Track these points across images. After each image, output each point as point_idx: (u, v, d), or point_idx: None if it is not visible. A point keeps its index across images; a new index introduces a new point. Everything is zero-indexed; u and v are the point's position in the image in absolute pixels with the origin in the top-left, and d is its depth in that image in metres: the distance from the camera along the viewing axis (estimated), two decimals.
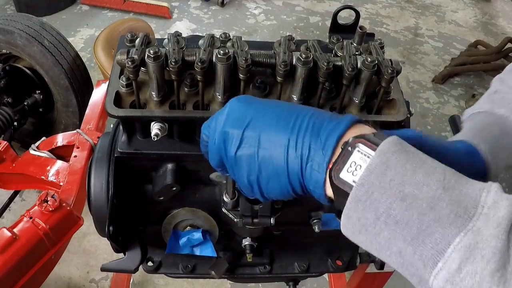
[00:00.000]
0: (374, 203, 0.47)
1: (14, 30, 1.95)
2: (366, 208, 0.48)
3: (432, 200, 0.46)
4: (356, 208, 0.49)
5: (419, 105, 3.23)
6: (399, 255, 0.47)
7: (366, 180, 0.48)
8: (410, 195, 0.46)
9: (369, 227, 0.48)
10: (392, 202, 0.47)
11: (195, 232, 0.98)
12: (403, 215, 0.46)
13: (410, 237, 0.46)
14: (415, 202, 0.46)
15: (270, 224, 0.83)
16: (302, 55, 0.76)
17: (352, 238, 0.53)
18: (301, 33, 3.83)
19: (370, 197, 0.48)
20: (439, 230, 0.44)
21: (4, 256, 1.12)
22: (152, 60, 0.74)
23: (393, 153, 0.49)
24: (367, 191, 0.48)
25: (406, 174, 0.47)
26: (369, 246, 0.51)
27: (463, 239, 0.43)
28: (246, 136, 0.58)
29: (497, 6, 4.55)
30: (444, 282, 0.44)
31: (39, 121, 2.29)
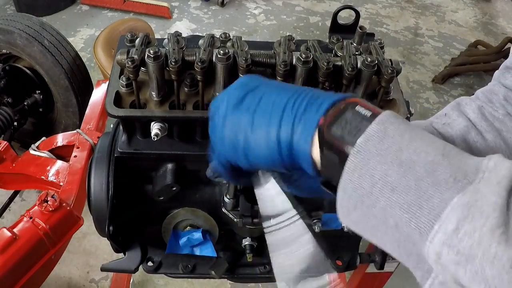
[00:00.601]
0: (370, 170, 0.45)
1: (14, 30, 1.95)
2: (362, 176, 0.46)
3: (430, 165, 0.43)
4: (352, 177, 0.46)
5: (419, 105, 3.23)
6: (395, 229, 0.44)
7: (362, 148, 0.46)
8: (408, 161, 0.44)
9: (365, 197, 0.46)
10: (389, 168, 0.44)
11: (195, 232, 0.98)
12: (400, 181, 0.44)
13: (406, 204, 0.43)
14: (412, 167, 0.44)
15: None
16: (302, 55, 0.76)
17: (348, 219, 0.50)
18: (301, 33, 3.83)
19: (366, 165, 0.45)
20: (437, 194, 0.42)
21: (4, 256, 1.12)
22: (152, 60, 0.74)
23: (391, 123, 0.47)
24: (363, 158, 0.46)
25: (403, 142, 0.46)
26: (365, 225, 0.48)
27: (461, 198, 0.40)
28: (248, 96, 0.58)
29: (497, 6, 4.55)
30: (441, 246, 0.41)
31: (39, 121, 2.29)
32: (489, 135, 0.70)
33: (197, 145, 0.86)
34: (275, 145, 0.54)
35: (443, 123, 0.72)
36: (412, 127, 0.48)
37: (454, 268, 0.40)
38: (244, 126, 0.57)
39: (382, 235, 0.47)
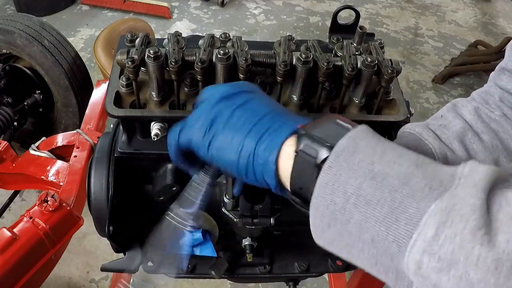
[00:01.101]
0: (342, 185, 0.44)
1: (14, 30, 1.95)
2: (334, 191, 0.45)
3: (404, 176, 0.42)
4: (323, 194, 0.45)
5: (419, 105, 3.23)
6: (371, 244, 0.43)
7: (333, 163, 0.45)
8: (381, 173, 0.43)
9: (338, 213, 0.45)
10: (362, 182, 0.43)
11: (195, 232, 0.98)
12: (374, 194, 0.42)
13: (382, 216, 0.42)
14: (386, 179, 0.43)
15: (270, 224, 0.83)
16: (302, 55, 0.76)
17: (323, 239, 0.49)
18: (301, 33, 3.83)
19: (338, 180, 0.45)
20: (413, 204, 0.40)
21: (4, 256, 1.12)
22: (152, 60, 0.74)
23: (362, 138, 0.47)
24: (335, 174, 0.45)
25: (375, 155, 0.45)
26: (340, 243, 0.47)
27: (439, 204, 0.39)
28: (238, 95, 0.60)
29: (497, 6, 4.55)
30: (421, 254, 0.39)
31: (39, 121, 2.29)
32: (485, 136, 0.69)
33: None
34: (240, 149, 0.55)
35: (440, 125, 0.72)
36: (384, 140, 0.48)
37: (436, 277, 0.39)
38: (221, 118, 0.57)
39: (358, 253, 0.46)
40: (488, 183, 0.40)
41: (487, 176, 0.41)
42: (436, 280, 0.39)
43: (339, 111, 0.84)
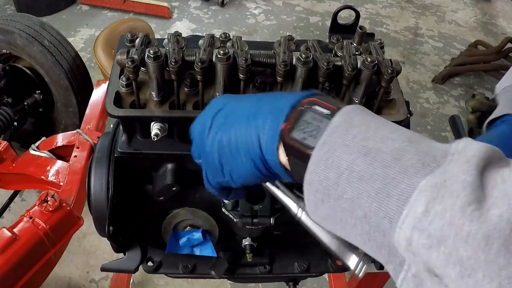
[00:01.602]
0: (336, 161, 0.44)
1: (14, 30, 1.95)
2: (328, 167, 0.44)
3: (397, 152, 0.42)
4: (317, 170, 0.45)
5: (419, 105, 3.23)
6: (364, 220, 0.43)
7: (328, 139, 0.45)
8: (374, 149, 0.43)
9: (331, 189, 0.44)
10: (355, 158, 0.43)
11: (195, 232, 0.98)
12: (367, 169, 0.42)
13: (374, 192, 0.41)
14: (378, 155, 0.42)
15: (269, 224, 0.83)
16: (302, 55, 0.76)
17: (316, 214, 0.49)
18: (301, 33, 3.83)
19: (332, 155, 0.44)
20: (405, 180, 0.40)
21: (4, 256, 1.12)
22: (152, 60, 0.74)
23: (357, 114, 0.47)
24: (329, 149, 0.45)
25: (369, 131, 0.45)
26: (333, 219, 0.47)
27: (430, 180, 0.39)
28: (217, 116, 0.58)
29: (497, 6, 4.55)
30: (411, 230, 0.39)
31: (39, 121, 2.29)
32: None
33: None
34: (249, 163, 0.54)
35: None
36: (379, 117, 0.48)
37: (426, 254, 0.38)
38: (219, 147, 0.57)
39: (351, 228, 0.45)
40: (482, 160, 0.39)
41: (480, 153, 0.40)
42: (427, 257, 0.38)
43: None
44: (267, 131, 0.52)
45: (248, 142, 0.53)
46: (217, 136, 0.57)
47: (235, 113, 0.57)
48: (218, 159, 0.58)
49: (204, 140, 0.59)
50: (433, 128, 3.08)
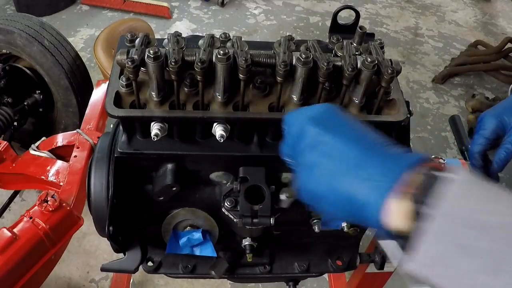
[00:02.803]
0: (449, 234, 0.44)
1: (14, 30, 1.95)
2: (439, 239, 0.45)
3: (509, 225, 0.43)
4: (428, 241, 0.45)
5: (419, 105, 3.23)
6: None
7: (447, 211, 0.45)
8: (488, 223, 0.43)
9: (445, 259, 0.44)
10: (468, 232, 0.44)
11: (195, 232, 0.98)
12: (481, 245, 0.43)
13: (491, 267, 0.42)
14: (493, 229, 0.43)
15: (269, 224, 0.83)
16: (302, 55, 0.76)
17: (422, 272, 0.47)
18: (301, 33, 3.83)
19: (445, 228, 0.45)
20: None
21: (4, 256, 1.12)
22: (152, 60, 0.74)
23: (472, 184, 0.47)
24: (442, 222, 0.45)
25: (486, 204, 0.45)
26: (445, 279, 0.46)
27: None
28: (322, 141, 0.58)
29: (497, 6, 4.55)
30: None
31: (39, 121, 2.29)
32: None
33: (197, 145, 0.86)
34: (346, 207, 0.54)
35: None
36: (491, 186, 0.47)
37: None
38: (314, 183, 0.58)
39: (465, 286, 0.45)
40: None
41: None
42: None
43: None
44: (378, 192, 0.51)
45: (352, 190, 0.53)
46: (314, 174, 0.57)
47: (336, 157, 0.56)
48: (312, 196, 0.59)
49: (298, 156, 0.60)
50: (433, 128, 3.08)
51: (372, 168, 0.53)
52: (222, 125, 0.81)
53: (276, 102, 0.82)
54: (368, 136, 0.58)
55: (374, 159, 0.54)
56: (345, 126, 0.59)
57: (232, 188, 0.87)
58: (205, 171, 0.90)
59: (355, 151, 0.55)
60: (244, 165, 0.86)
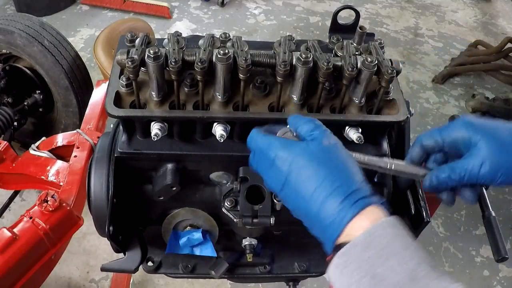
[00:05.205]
0: (349, 274, 0.55)
1: (14, 30, 1.94)
2: (343, 274, 0.56)
3: (396, 285, 0.51)
4: (335, 271, 0.57)
5: (419, 105, 3.23)
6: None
7: (347, 252, 0.56)
8: (380, 275, 0.53)
9: (344, 283, 0.55)
10: (363, 277, 0.53)
11: (195, 232, 0.98)
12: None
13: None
14: (382, 282, 0.52)
15: (269, 224, 0.83)
16: (302, 55, 0.76)
17: (332, 278, 0.59)
18: (301, 33, 3.83)
19: (347, 267, 0.55)
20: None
21: (4, 256, 1.12)
22: (152, 60, 0.74)
23: (378, 235, 0.55)
24: (346, 260, 0.55)
25: (382, 256, 0.54)
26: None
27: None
28: (287, 182, 0.63)
29: (497, 6, 4.55)
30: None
31: (39, 121, 2.29)
32: None
33: (197, 145, 0.86)
34: None
35: None
36: (399, 239, 0.56)
37: None
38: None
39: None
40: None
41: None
42: None
43: (339, 111, 0.84)
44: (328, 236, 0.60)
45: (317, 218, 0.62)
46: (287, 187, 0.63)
47: (302, 189, 0.62)
48: None
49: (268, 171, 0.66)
50: (433, 128, 3.08)
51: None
52: (222, 125, 0.81)
53: (276, 102, 0.82)
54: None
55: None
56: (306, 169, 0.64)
57: (232, 188, 0.87)
58: (205, 171, 0.90)
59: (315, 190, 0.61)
60: (244, 165, 0.86)
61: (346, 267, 0.55)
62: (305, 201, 0.61)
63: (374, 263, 0.54)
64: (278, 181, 0.64)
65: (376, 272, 0.53)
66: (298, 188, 0.62)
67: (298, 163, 0.62)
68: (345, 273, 0.55)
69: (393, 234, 0.57)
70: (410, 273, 0.52)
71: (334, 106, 0.84)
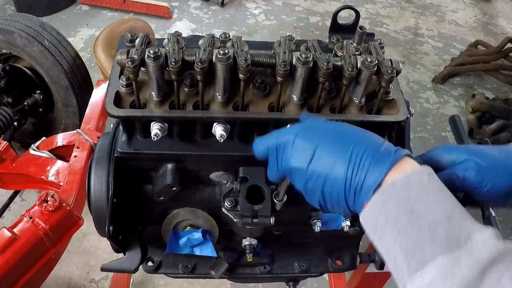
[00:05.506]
0: (387, 210, 0.56)
1: (14, 30, 1.95)
2: (380, 213, 0.56)
3: (433, 222, 0.53)
4: (372, 210, 0.57)
5: (419, 105, 3.23)
6: (394, 261, 0.55)
7: (386, 190, 0.57)
8: (417, 212, 0.54)
9: (379, 229, 0.57)
10: (401, 213, 0.54)
11: (195, 232, 0.98)
12: (406, 227, 0.54)
13: (405, 246, 0.53)
14: (419, 219, 0.53)
15: (269, 224, 0.83)
16: (302, 55, 0.76)
17: (368, 235, 0.60)
18: (301, 33, 3.83)
19: (386, 205, 0.56)
20: (429, 248, 0.51)
21: (4, 256, 1.12)
22: (152, 60, 0.74)
23: (417, 177, 0.57)
24: (384, 198, 0.56)
25: (421, 195, 0.55)
26: (377, 245, 0.59)
27: (444, 259, 0.50)
28: (317, 155, 0.63)
29: (497, 6, 4.55)
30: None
31: (39, 121, 2.29)
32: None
33: (197, 145, 0.86)
34: (343, 202, 0.63)
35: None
36: (435, 183, 0.57)
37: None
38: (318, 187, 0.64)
39: (387, 260, 0.58)
40: (490, 260, 0.49)
41: (490, 254, 0.49)
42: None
43: (339, 111, 0.84)
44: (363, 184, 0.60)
45: (347, 185, 0.61)
46: (319, 174, 0.62)
47: (332, 156, 0.62)
48: (316, 193, 0.65)
49: (305, 168, 0.64)
50: (433, 128, 3.08)
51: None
52: (222, 125, 0.81)
53: (276, 102, 0.82)
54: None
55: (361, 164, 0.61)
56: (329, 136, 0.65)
57: (232, 188, 0.87)
58: (205, 171, 0.90)
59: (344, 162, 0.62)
60: (244, 165, 0.86)
61: (385, 205, 0.56)
62: (336, 167, 0.61)
63: (413, 201, 0.54)
64: (304, 156, 0.63)
65: (413, 208, 0.54)
66: (328, 155, 0.62)
67: (326, 132, 0.64)
68: (382, 211, 0.56)
69: (430, 179, 0.58)
70: (447, 212, 0.54)
71: (334, 106, 0.84)
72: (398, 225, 0.54)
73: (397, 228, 0.54)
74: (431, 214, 0.53)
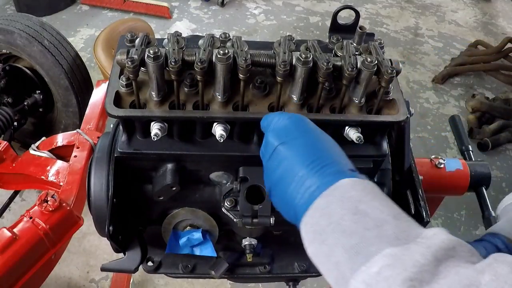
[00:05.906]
0: (330, 212, 0.52)
1: (14, 30, 1.95)
2: (322, 215, 0.53)
3: (380, 221, 0.49)
4: (314, 215, 0.54)
5: (419, 105, 3.23)
6: (336, 267, 0.50)
7: (329, 194, 0.54)
8: (362, 211, 0.51)
9: (318, 234, 0.53)
10: (345, 214, 0.51)
11: (195, 232, 0.98)
12: (351, 226, 0.50)
13: (349, 246, 0.49)
14: (364, 218, 0.50)
15: (269, 224, 0.83)
16: (302, 55, 0.76)
17: (309, 251, 0.57)
18: (301, 33, 3.83)
19: (328, 207, 0.53)
20: (376, 244, 0.47)
21: (4, 256, 1.12)
22: (152, 60, 0.74)
23: (361, 182, 0.55)
24: (327, 201, 0.53)
25: (366, 197, 0.53)
26: (317, 259, 0.55)
27: (392, 249, 0.46)
28: (277, 150, 0.64)
29: (497, 6, 4.55)
30: (361, 283, 0.46)
31: (39, 121, 2.29)
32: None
33: (197, 145, 0.86)
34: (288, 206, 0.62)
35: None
36: (380, 192, 0.55)
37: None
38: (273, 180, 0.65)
39: (327, 271, 0.53)
40: (443, 250, 0.46)
41: (442, 244, 0.46)
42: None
43: (339, 111, 0.84)
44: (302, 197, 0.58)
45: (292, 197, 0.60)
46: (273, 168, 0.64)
47: (292, 160, 0.62)
48: None
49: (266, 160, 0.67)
50: (433, 128, 3.08)
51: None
52: (222, 125, 0.81)
53: (276, 102, 0.82)
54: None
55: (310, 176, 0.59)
56: (299, 140, 0.65)
57: (232, 188, 0.87)
58: (205, 171, 0.90)
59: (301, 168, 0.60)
60: (244, 165, 0.86)
61: (328, 207, 0.52)
62: None
63: (358, 201, 0.52)
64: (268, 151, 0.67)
65: (358, 208, 0.51)
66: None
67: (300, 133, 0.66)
68: (325, 212, 0.52)
69: (375, 186, 0.56)
70: (394, 212, 0.51)
71: (334, 106, 0.84)
72: (342, 225, 0.50)
73: (340, 229, 0.50)
74: (378, 213, 0.50)
